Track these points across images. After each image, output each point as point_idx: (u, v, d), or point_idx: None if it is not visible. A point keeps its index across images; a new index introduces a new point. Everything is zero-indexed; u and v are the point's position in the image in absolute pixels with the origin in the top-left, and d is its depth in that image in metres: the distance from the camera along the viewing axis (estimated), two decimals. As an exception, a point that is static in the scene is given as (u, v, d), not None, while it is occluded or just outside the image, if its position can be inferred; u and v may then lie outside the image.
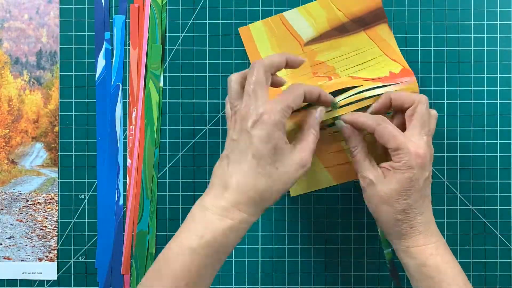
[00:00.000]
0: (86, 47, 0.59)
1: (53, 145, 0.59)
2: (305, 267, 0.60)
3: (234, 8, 0.59)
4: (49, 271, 0.59)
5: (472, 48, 0.59)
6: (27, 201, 0.59)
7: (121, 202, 0.59)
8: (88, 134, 0.59)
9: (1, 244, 0.59)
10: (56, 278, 0.59)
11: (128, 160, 0.59)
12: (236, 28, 0.59)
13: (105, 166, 0.59)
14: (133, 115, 0.59)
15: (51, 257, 0.59)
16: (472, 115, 0.59)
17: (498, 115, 0.59)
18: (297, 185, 0.58)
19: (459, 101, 0.59)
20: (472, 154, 0.59)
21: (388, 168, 0.48)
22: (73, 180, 0.59)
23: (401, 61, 0.57)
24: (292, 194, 0.58)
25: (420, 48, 0.59)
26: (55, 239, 0.59)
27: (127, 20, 0.59)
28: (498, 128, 0.59)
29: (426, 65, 0.59)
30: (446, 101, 0.59)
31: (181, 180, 0.59)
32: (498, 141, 0.59)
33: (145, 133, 0.59)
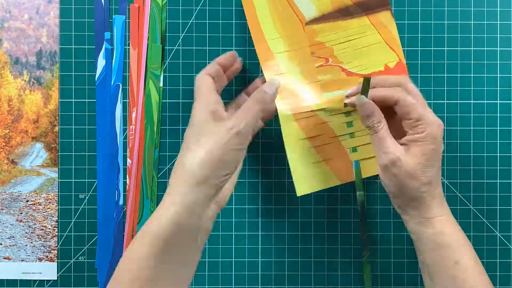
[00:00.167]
0: (86, 47, 0.59)
1: (53, 145, 0.59)
2: (305, 267, 0.60)
3: (234, 8, 0.59)
4: (49, 271, 0.59)
5: (472, 48, 0.59)
6: (27, 201, 0.59)
7: (121, 202, 0.59)
8: (88, 134, 0.59)
9: (1, 244, 0.59)
10: (56, 278, 0.59)
11: (128, 160, 0.59)
12: (236, 28, 0.59)
13: (105, 166, 0.59)
14: (133, 115, 0.59)
15: (51, 257, 0.59)
16: (472, 115, 0.59)
17: (498, 115, 0.59)
18: (303, 185, 0.57)
19: (459, 101, 0.59)
20: (472, 154, 0.59)
21: (406, 143, 0.48)
22: (73, 180, 0.59)
23: (399, 52, 0.57)
24: (299, 194, 0.58)
25: (420, 48, 0.59)
26: (55, 239, 0.59)
27: (127, 20, 0.59)
28: (498, 128, 0.59)
29: (426, 65, 0.59)
30: (446, 101, 0.59)
31: (181, 180, 0.59)
32: (498, 141, 0.59)
33: (145, 133, 0.59)
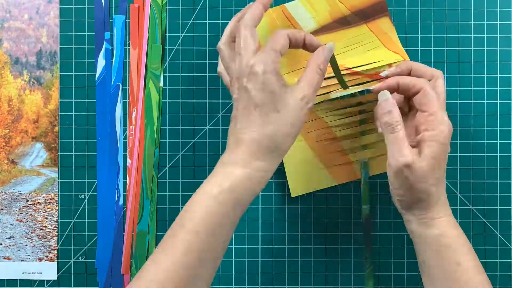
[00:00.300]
0: (86, 47, 0.59)
1: (53, 145, 0.59)
2: (305, 267, 0.60)
3: (234, 8, 0.59)
4: (49, 271, 0.59)
5: (472, 48, 0.59)
6: (27, 201, 0.59)
7: (121, 202, 0.59)
8: (88, 134, 0.59)
9: (1, 244, 0.59)
10: (56, 278, 0.59)
11: (128, 160, 0.59)
12: (236, 28, 0.59)
13: (105, 166, 0.59)
14: (133, 115, 0.59)
15: (51, 257, 0.59)
16: (472, 115, 0.59)
17: (498, 115, 0.59)
18: (297, 186, 0.58)
19: (459, 101, 0.59)
20: (472, 154, 0.59)
21: (416, 145, 0.48)
22: (73, 180, 0.59)
23: (403, 54, 0.57)
24: (293, 195, 0.58)
25: (420, 48, 0.59)
26: (55, 239, 0.59)
27: (127, 20, 0.59)
28: (498, 128, 0.59)
29: (426, 65, 0.59)
30: (446, 101, 0.59)
31: (181, 180, 0.59)
32: (498, 141, 0.59)
33: (145, 133, 0.59)
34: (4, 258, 0.59)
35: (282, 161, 0.56)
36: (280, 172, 0.59)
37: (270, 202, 0.59)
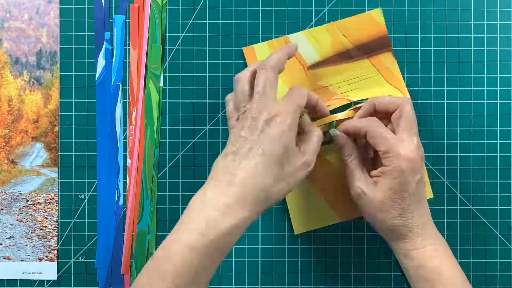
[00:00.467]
0: (86, 47, 0.59)
1: (53, 145, 0.59)
2: (305, 267, 0.60)
3: (234, 8, 0.59)
4: (49, 271, 0.59)
5: (472, 48, 0.59)
6: (27, 201, 0.59)
7: (121, 202, 0.59)
8: (88, 134, 0.59)
9: (1, 244, 0.59)
10: (56, 278, 0.59)
11: (128, 160, 0.59)
12: (236, 28, 0.59)
13: (105, 166, 0.59)
14: (133, 115, 0.59)
15: (51, 257, 0.59)
16: (472, 115, 0.59)
17: (498, 115, 0.59)
18: (301, 223, 0.58)
19: (459, 101, 0.59)
20: (472, 154, 0.59)
21: (379, 175, 0.49)
22: (73, 180, 0.59)
23: (403, 89, 0.57)
24: (296, 232, 0.58)
25: (420, 48, 0.59)
26: (55, 239, 0.59)
27: (127, 20, 0.59)
28: (498, 128, 0.59)
29: (426, 65, 0.59)
30: (446, 101, 0.59)
31: (181, 180, 0.59)
32: (498, 141, 0.59)
33: (145, 133, 0.59)
34: (4, 258, 0.59)
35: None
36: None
37: (270, 202, 0.59)
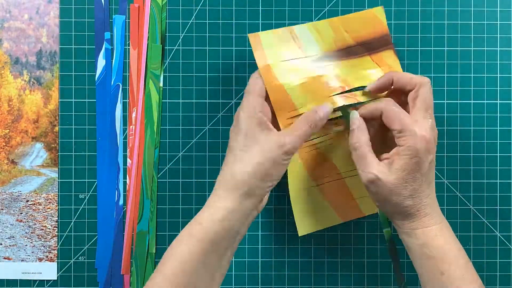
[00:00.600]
0: (86, 47, 0.59)
1: (53, 145, 0.59)
2: (305, 267, 0.60)
3: (234, 8, 0.59)
4: (49, 271, 0.59)
5: (472, 48, 0.59)
6: (27, 201, 0.59)
7: (121, 202, 0.59)
8: (88, 134, 0.59)
9: (1, 244, 0.59)
10: (56, 278, 0.59)
11: (128, 160, 0.59)
12: (236, 28, 0.59)
13: (105, 166, 0.59)
14: (133, 115, 0.59)
15: (51, 257, 0.59)
16: (472, 115, 0.59)
17: (498, 115, 0.59)
18: (305, 225, 0.58)
19: (459, 101, 0.59)
20: (472, 154, 0.59)
21: (389, 158, 0.48)
22: (73, 180, 0.59)
23: None
24: (300, 234, 0.58)
25: (420, 48, 0.59)
26: (55, 239, 0.59)
27: (127, 20, 0.59)
28: (498, 128, 0.59)
29: (426, 65, 0.59)
30: (446, 101, 0.59)
31: (181, 180, 0.59)
32: (498, 141, 0.59)
33: (145, 133, 0.59)
34: (4, 258, 0.59)
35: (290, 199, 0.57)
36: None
37: (270, 202, 0.59)
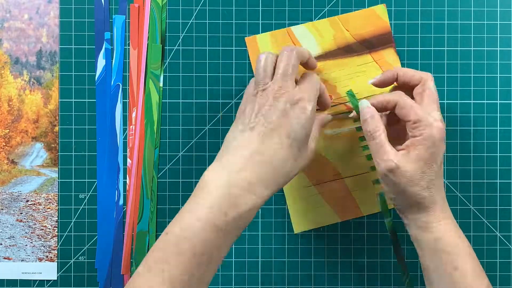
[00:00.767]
0: (86, 47, 0.59)
1: (53, 145, 0.59)
2: (305, 267, 0.60)
3: (234, 8, 0.59)
4: (49, 271, 0.59)
5: (472, 48, 0.59)
6: (27, 201, 0.59)
7: (121, 202, 0.59)
8: (88, 134, 0.59)
9: (1, 244, 0.59)
10: (56, 278, 0.59)
11: (128, 160, 0.59)
12: (236, 28, 0.59)
13: (105, 166, 0.59)
14: (133, 115, 0.59)
15: (51, 257, 0.59)
16: (472, 115, 0.59)
17: (498, 115, 0.59)
18: (300, 222, 0.58)
19: (459, 101, 0.59)
20: (472, 154, 0.59)
21: (405, 148, 0.48)
22: (73, 180, 0.59)
23: None
24: (296, 231, 0.58)
25: (420, 48, 0.59)
26: (55, 239, 0.59)
27: (127, 20, 0.59)
28: (498, 128, 0.59)
29: (426, 65, 0.59)
30: (446, 101, 0.59)
31: (181, 180, 0.59)
32: (498, 141, 0.59)
33: (145, 133, 0.59)
34: (4, 258, 0.59)
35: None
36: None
37: (270, 202, 0.59)
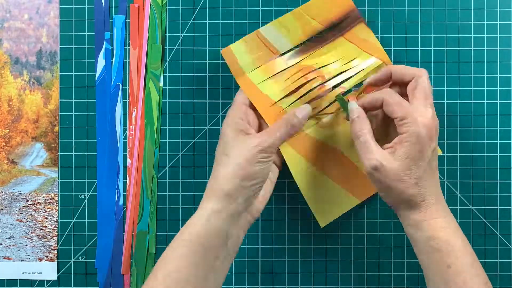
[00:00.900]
0: (86, 47, 0.59)
1: (53, 145, 0.59)
2: (305, 267, 0.60)
3: (234, 8, 0.59)
4: (49, 271, 0.59)
5: (472, 48, 0.59)
6: (27, 201, 0.59)
7: (121, 202, 0.59)
8: (88, 134, 0.59)
9: (1, 244, 0.59)
10: (56, 278, 0.59)
11: (128, 160, 0.59)
12: (236, 28, 0.59)
13: (105, 166, 0.59)
14: (133, 115, 0.59)
15: (51, 257, 0.59)
16: (472, 115, 0.59)
17: (498, 115, 0.59)
18: (324, 214, 0.57)
19: (459, 101, 0.59)
20: (472, 154, 0.59)
21: (392, 146, 0.48)
22: (73, 180, 0.59)
23: (384, 57, 0.56)
24: (322, 225, 0.57)
25: (420, 48, 0.59)
26: (55, 239, 0.59)
27: (127, 20, 0.59)
28: (498, 128, 0.59)
29: (426, 65, 0.59)
30: (446, 101, 0.59)
31: (181, 180, 0.59)
32: (498, 141, 0.59)
33: (145, 133, 0.59)
34: (4, 258, 0.59)
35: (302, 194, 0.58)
36: (280, 172, 0.59)
37: (270, 202, 0.59)
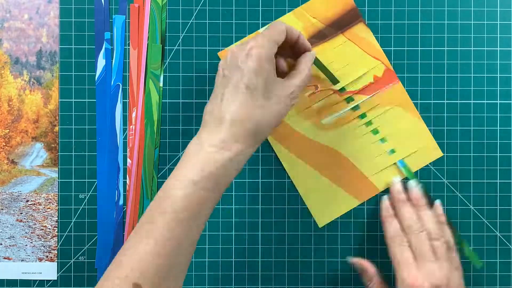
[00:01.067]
0: (86, 47, 0.59)
1: (53, 145, 0.59)
2: (305, 267, 0.60)
3: (234, 8, 0.59)
4: (49, 271, 0.59)
5: (472, 48, 0.59)
6: (27, 201, 0.59)
7: (121, 202, 0.59)
8: (88, 134, 0.59)
9: (1, 244, 0.59)
10: (56, 278, 0.59)
11: (128, 160, 0.59)
12: (236, 28, 0.59)
13: (105, 166, 0.59)
14: (133, 115, 0.59)
15: (51, 257, 0.59)
16: (472, 115, 0.59)
17: (498, 115, 0.59)
18: (322, 215, 0.58)
19: (459, 101, 0.59)
20: (472, 154, 0.59)
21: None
22: (73, 180, 0.59)
23: (383, 59, 0.58)
24: (320, 225, 0.58)
25: (420, 48, 0.59)
26: (55, 239, 0.59)
27: (127, 20, 0.59)
28: (498, 128, 0.59)
29: (426, 65, 0.59)
30: (446, 101, 0.59)
31: (181, 180, 0.59)
32: (498, 141, 0.59)
33: (145, 133, 0.59)
34: (4, 258, 0.59)
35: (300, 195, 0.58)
36: (281, 172, 0.59)
37: (270, 202, 0.59)
